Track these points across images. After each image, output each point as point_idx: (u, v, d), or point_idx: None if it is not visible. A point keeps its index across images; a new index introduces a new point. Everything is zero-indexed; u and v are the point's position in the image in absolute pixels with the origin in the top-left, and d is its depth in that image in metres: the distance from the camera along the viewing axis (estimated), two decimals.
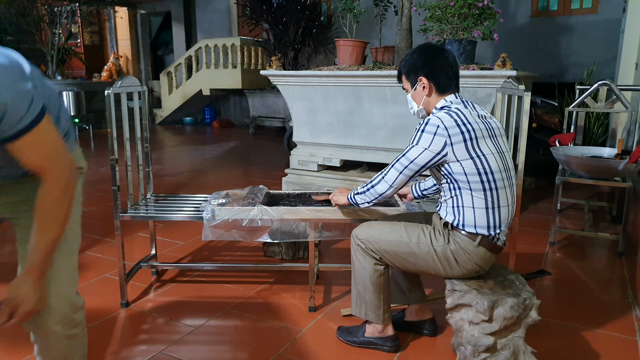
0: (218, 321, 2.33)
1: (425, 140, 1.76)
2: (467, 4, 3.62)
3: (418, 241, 1.86)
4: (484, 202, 1.78)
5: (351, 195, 2.03)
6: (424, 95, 1.89)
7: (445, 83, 1.86)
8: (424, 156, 1.77)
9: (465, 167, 1.75)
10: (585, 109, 3.85)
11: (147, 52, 13.42)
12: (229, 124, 11.08)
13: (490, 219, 1.79)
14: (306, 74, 4.19)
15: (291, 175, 4.53)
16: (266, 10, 8.12)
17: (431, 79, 1.86)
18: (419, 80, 1.88)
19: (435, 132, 1.74)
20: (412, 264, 1.90)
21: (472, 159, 1.75)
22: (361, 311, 2.03)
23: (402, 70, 1.95)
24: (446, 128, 1.73)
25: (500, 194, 1.79)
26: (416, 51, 1.92)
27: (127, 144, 2.47)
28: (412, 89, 1.93)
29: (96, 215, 4.02)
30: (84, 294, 1.41)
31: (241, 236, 2.30)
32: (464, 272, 1.85)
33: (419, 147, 1.77)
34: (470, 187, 1.77)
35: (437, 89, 1.87)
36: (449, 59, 1.87)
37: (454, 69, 1.88)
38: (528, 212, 4.10)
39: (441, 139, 1.73)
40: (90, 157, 7.06)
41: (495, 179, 1.77)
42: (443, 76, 1.85)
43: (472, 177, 1.76)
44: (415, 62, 1.89)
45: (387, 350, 2.05)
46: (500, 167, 1.79)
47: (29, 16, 9.38)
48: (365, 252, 1.96)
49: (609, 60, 6.83)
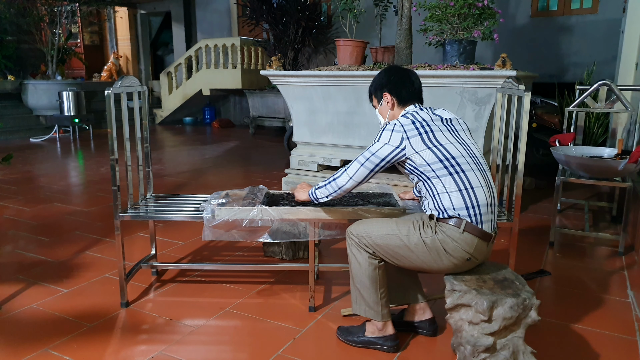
0: (218, 321, 2.33)
1: (385, 136, 1.95)
2: (467, 4, 3.61)
3: (408, 234, 1.93)
4: (455, 185, 1.89)
5: (312, 191, 2.15)
6: (389, 109, 2.10)
7: (405, 96, 2.07)
8: (384, 150, 1.94)
9: (425, 158, 1.90)
10: (585, 109, 3.85)
11: (147, 52, 13.42)
12: (229, 124, 11.08)
13: (466, 199, 1.88)
14: (306, 74, 4.19)
15: (291, 175, 4.53)
16: (266, 10, 8.12)
17: (393, 93, 2.08)
18: (384, 95, 2.10)
19: (393, 129, 1.95)
20: (405, 257, 1.95)
21: (430, 148, 1.90)
22: (360, 308, 2.06)
23: (370, 89, 2.18)
24: (402, 125, 1.94)
25: (469, 176, 1.90)
26: (382, 71, 2.14)
27: (127, 144, 2.47)
28: (379, 105, 2.15)
29: (96, 215, 4.02)
30: (84, 294, 1.41)
31: (241, 236, 2.30)
32: (455, 262, 1.89)
33: (379, 142, 1.96)
34: (437, 174, 1.91)
35: (399, 103, 2.08)
36: (411, 77, 2.09)
37: (415, 86, 2.09)
38: (528, 212, 4.10)
39: (398, 134, 1.92)
40: (90, 157, 7.07)
41: (459, 163, 1.91)
42: (404, 91, 2.07)
43: (434, 165, 1.90)
44: (380, 80, 2.12)
45: (387, 350, 2.05)
46: (462, 153, 1.93)
47: (29, 16, 9.39)
48: (358, 247, 2.01)
49: (609, 60, 6.83)
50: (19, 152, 7.11)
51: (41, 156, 6.98)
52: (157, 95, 12.14)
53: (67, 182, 5.37)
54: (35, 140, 8.46)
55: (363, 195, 2.48)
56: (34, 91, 9.32)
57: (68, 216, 4.01)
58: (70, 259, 3.07)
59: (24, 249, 3.27)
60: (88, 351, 2.06)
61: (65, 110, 8.80)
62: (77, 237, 3.48)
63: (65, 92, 8.81)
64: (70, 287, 2.66)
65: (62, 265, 2.98)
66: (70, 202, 4.45)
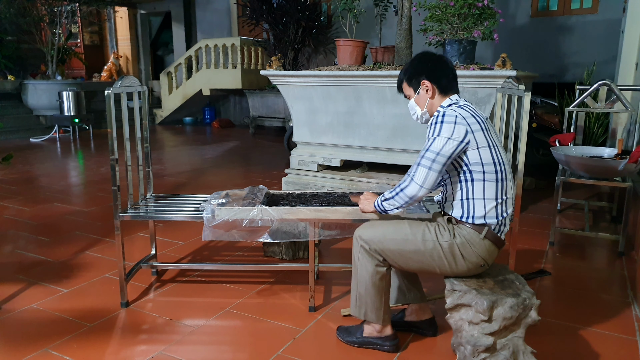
0: (218, 321, 2.33)
1: (446, 130, 1.77)
2: (467, 4, 3.62)
3: (423, 238, 1.86)
4: (494, 193, 1.82)
5: (378, 202, 1.97)
6: (428, 97, 1.94)
7: (447, 84, 1.92)
8: (449, 146, 1.77)
9: (482, 156, 1.79)
10: (585, 109, 3.85)
11: (147, 52, 13.42)
12: (229, 124, 11.08)
13: (499, 211, 1.84)
14: (306, 74, 4.19)
15: (291, 175, 4.53)
16: (266, 10, 8.12)
17: (434, 81, 1.91)
18: (422, 83, 1.93)
19: (455, 121, 1.77)
20: (417, 262, 1.90)
21: (489, 147, 1.80)
22: (361, 311, 2.03)
23: (403, 77, 2.00)
24: (464, 117, 1.79)
25: (508, 185, 1.86)
26: (416, 58, 1.98)
27: (127, 144, 2.47)
28: (415, 94, 1.97)
29: (96, 215, 4.02)
30: (84, 294, 1.41)
31: (241, 236, 2.30)
32: (469, 267, 1.86)
33: (441, 137, 1.77)
34: (485, 177, 1.80)
35: (440, 91, 1.92)
36: (448, 63, 1.96)
37: (453, 72, 1.94)
38: (528, 212, 4.10)
39: (462, 127, 1.77)
40: (90, 157, 7.06)
41: (506, 170, 1.84)
42: (445, 78, 1.91)
43: (487, 166, 1.80)
44: (416, 67, 1.95)
45: (386, 350, 2.05)
46: (506, 160, 1.87)
47: (29, 16, 9.39)
48: (368, 254, 1.94)
49: (609, 60, 6.83)
50: (19, 152, 7.11)
51: (41, 156, 6.98)
52: (157, 95, 12.14)
53: (67, 182, 5.37)
54: (35, 140, 8.46)
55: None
56: (34, 91, 9.32)
57: (68, 216, 4.01)
58: (70, 259, 3.07)
59: (24, 249, 3.27)
60: (88, 351, 2.06)
61: (65, 110, 8.80)
62: (77, 237, 3.48)
63: (65, 92, 8.80)
64: (70, 287, 2.66)
65: (62, 265, 2.98)
66: (70, 202, 4.44)
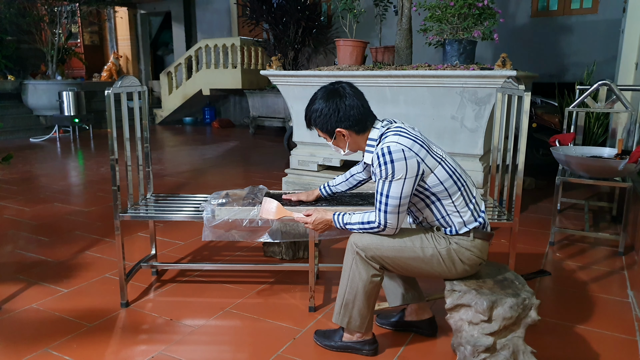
0: (218, 321, 2.33)
1: (399, 169, 1.72)
2: (467, 4, 3.61)
3: (422, 245, 1.86)
4: (463, 201, 1.84)
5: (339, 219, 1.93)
6: (347, 141, 1.90)
7: (363, 122, 1.86)
8: (407, 185, 1.74)
9: (439, 176, 1.78)
10: (585, 109, 3.85)
11: (147, 52, 13.42)
12: (229, 124, 11.07)
13: (474, 213, 1.86)
14: (306, 74, 4.19)
15: (291, 175, 4.53)
16: (266, 10, 8.12)
17: (347, 127, 1.86)
18: (337, 132, 1.88)
19: (404, 156, 1.72)
20: (416, 268, 1.90)
21: (440, 164, 1.79)
22: (344, 320, 1.96)
23: (313, 125, 1.93)
24: (410, 148, 1.73)
25: (469, 187, 1.88)
26: (320, 104, 1.87)
27: (127, 144, 2.47)
28: (332, 139, 1.93)
29: (96, 215, 4.02)
30: (84, 294, 1.41)
31: (241, 236, 2.30)
32: (466, 269, 1.87)
33: (397, 180, 1.73)
34: (449, 192, 1.81)
35: (359, 131, 1.88)
36: (353, 97, 1.85)
37: (361, 101, 1.86)
38: (528, 212, 4.10)
39: (413, 161, 1.73)
40: (90, 157, 7.06)
41: (461, 175, 1.86)
42: (356, 118, 1.84)
43: (446, 182, 1.80)
44: (324, 119, 1.86)
45: (365, 354, 2.01)
46: (454, 164, 1.88)
47: (29, 16, 9.39)
48: (364, 262, 1.88)
49: (609, 60, 6.83)
50: (19, 152, 7.11)
51: (41, 156, 6.98)
52: (157, 95, 12.14)
53: (67, 182, 5.37)
54: (35, 140, 8.46)
55: (362, 195, 2.48)
56: (34, 91, 9.32)
57: (68, 216, 4.01)
58: (70, 259, 3.07)
59: (24, 249, 3.27)
60: (88, 351, 2.06)
61: (65, 110, 8.80)
62: (77, 237, 3.48)
63: (65, 92, 8.80)
64: (70, 287, 2.66)
65: (62, 265, 2.98)
66: (70, 202, 4.44)
